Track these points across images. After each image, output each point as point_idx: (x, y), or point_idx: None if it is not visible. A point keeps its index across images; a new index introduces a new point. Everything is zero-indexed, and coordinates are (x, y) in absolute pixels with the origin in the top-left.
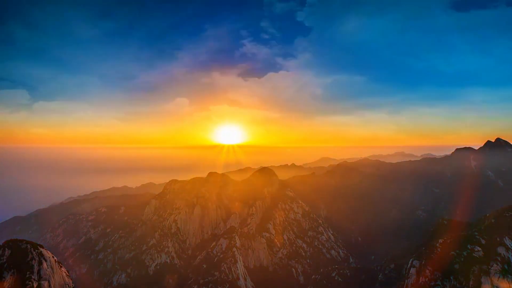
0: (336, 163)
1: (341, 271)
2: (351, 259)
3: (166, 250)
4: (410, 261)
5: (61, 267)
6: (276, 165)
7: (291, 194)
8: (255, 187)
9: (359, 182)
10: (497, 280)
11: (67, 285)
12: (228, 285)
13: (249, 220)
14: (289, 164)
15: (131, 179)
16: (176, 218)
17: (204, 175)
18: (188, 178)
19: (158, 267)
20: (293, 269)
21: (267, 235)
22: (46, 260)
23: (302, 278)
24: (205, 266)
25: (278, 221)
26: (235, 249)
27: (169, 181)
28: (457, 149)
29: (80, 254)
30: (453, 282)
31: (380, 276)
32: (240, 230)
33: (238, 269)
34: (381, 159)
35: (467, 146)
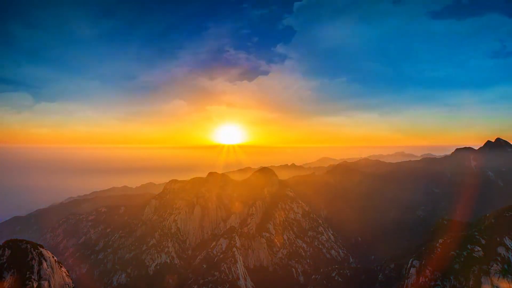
0: (336, 163)
1: (341, 271)
2: (351, 259)
3: (166, 250)
4: (410, 261)
5: (61, 267)
6: (276, 165)
7: (291, 194)
8: (255, 187)
9: (359, 182)
10: (497, 280)
11: (67, 285)
12: (228, 285)
13: (249, 220)
14: (289, 164)
15: (131, 179)
16: (176, 218)
17: (204, 175)
18: (188, 178)
19: (158, 267)
20: (293, 269)
21: (267, 235)
22: (46, 260)
23: (302, 278)
24: (205, 266)
25: (278, 221)
26: (235, 249)
27: (169, 181)
28: (457, 149)
29: (80, 254)
30: (453, 282)
31: (380, 276)
32: (240, 230)
33: (238, 269)
34: (381, 159)
35: (467, 146)
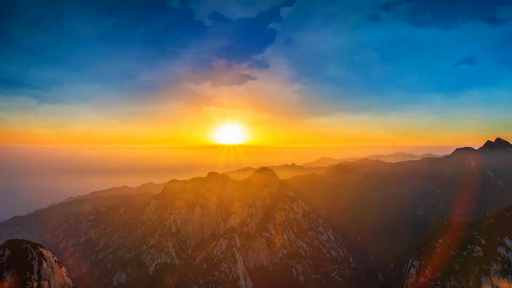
0: (336, 163)
1: (341, 271)
2: (351, 259)
3: (166, 250)
4: (410, 261)
5: (61, 267)
6: (276, 165)
7: (291, 194)
8: (255, 187)
9: (359, 182)
10: (497, 280)
11: (67, 285)
12: (228, 285)
13: (249, 220)
14: (289, 164)
15: (131, 179)
16: (176, 218)
17: (204, 175)
18: (188, 178)
19: (158, 267)
20: (293, 269)
21: (267, 235)
22: (46, 260)
23: (302, 278)
24: (205, 266)
25: (278, 221)
26: (235, 249)
27: (169, 181)
28: (457, 149)
29: (80, 254)
30: (453, 282)
31: (380, 276)
32: (240, 230)
33: (238, 269)
34: (381, 159)
35: (467, 146)
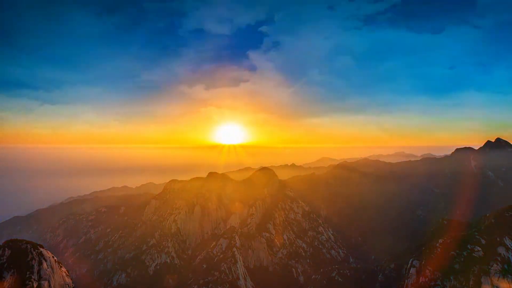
0: (336, 163)
1: (341, 271)
2: (351, 259)
3: (166, 250)
4: (410, 261)
5: (61, 267)
6: (276, 165)
7: (291, 194)
8: (255, 187)
9: (359, 182)
10: (497, 280)
11: (67, 285)
12: (228, 285)
13: (249, 220)
14: (289, 164)
15: (131, 179)
16: (176, 218)
17: (204, 175)
18: (188, 178)
19: (158, 267)
20: (293, 269)
21: (267, 235)
22: (46, 260)
23: (302, 278)
24: (205, 266)
25: (278, 221)
26: (235, 249)
27: (169, 181)
28: (457, 149)
29: (80, 254)
30: (453, 282)
31: (380, 276)
32: (240, 230)
33: (238, 269)
34: (381, 159)
35: (467, 146)
